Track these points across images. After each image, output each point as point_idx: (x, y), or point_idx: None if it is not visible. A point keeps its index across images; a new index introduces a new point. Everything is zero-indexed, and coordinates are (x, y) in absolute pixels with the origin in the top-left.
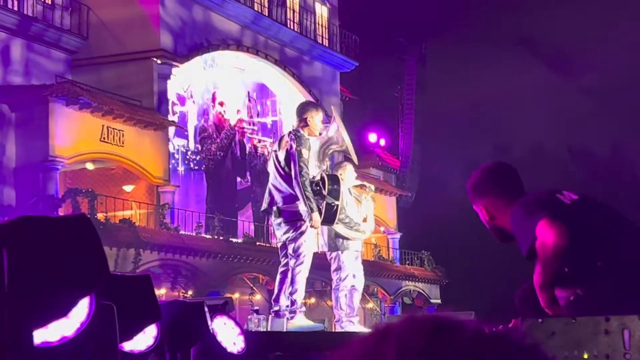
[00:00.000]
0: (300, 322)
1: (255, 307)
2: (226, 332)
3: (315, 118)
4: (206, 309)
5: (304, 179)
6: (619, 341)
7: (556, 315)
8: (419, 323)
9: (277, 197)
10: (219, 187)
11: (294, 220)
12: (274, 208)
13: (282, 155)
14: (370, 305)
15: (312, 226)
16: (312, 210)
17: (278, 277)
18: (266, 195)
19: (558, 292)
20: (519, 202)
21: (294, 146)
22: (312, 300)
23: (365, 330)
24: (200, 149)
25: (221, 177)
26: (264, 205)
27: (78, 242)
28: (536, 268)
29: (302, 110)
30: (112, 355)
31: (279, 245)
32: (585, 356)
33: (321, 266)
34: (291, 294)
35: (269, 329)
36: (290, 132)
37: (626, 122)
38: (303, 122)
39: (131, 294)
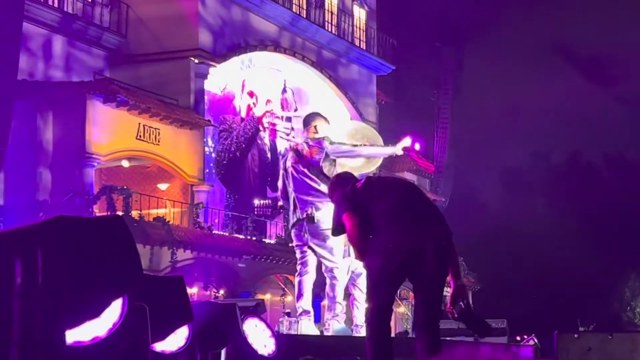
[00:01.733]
0: (335, 326)
1: (287, 310)
2: (257, 334)
3: (324, 127)
4: (238, 311)
5: None
6: None
7: (593, 332)
8: None
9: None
10: (239, 194)
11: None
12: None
13: (306, 163)
14: (401, 309)
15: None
16: None
17: (329, 282)
18: (294, 205)
19: (370, 245)
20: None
21: (326, 149)
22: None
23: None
24: (214, 148)
25: (241, 184)
26: (298, 216)
27: (112, 243)
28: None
29: (311, 119)
30: (144, 356)
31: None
32: None
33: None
34: (341, 300)
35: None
36: (313, 140)
37: None
38: (314, 129)
39: (164, 295)
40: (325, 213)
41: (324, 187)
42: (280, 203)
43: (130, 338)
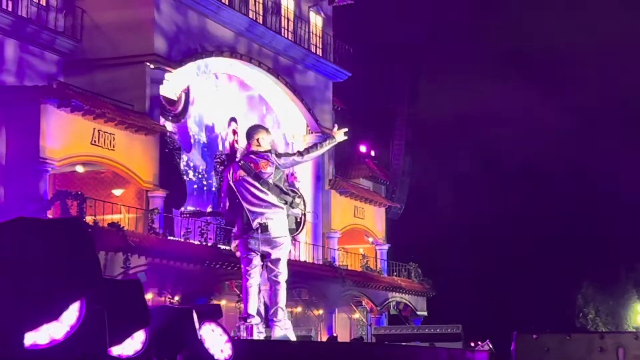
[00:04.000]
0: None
1: (243, 315)
2: (214, 339)
3: (266, 138)
4: (195, 316)
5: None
6: (614, 359)
7: (551, 332)
8: None
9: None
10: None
11: (284, 235)
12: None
13: (255, 177)
14: (356, 315)
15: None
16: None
17: (273, 288)
18: (243, 216)
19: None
20: None
21: (276, 163)
22: (299, 309)
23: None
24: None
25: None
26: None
27: (72, 244)
28: None
29: (253, 132)
30: (101, 359)
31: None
32: None
33: (310, 275)
34: (284, 305)
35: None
36: (258, 154)
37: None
38: (256, 142)
39: (121, 299)
40: (276, 222)
41: (272, 198)
42: (209, 209)
43: (88, 341)
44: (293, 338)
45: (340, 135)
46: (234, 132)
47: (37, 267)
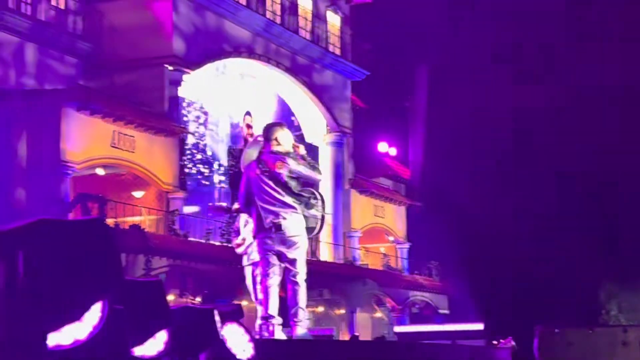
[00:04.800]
0: (299, 331)
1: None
2: (236, 339)
3: (286, 138)
4: (217, 316)
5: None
6: (637, 352)
7: (573, 327)
8: None
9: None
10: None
11: (299, 235)
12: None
13: (271, 176)
14: (378, 314)
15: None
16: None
17: (292, 289)
18: (257, 215)
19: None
20: None
21: (291, 165)
22: (321, 309)
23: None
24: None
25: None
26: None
27: (94, 245)
28: None
29: (273, 130)
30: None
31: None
32: None
33: (331, 275)
34: (304, 305)
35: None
36: (276, 154)
37: None
38: (276, 142)
39: (143, 299)
40: (290, 222)
41: (287, 199)
42: (236, 206)
43: (110, 342)
44: (311, 338)
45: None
46: (248, 126)
47: (59, 268)
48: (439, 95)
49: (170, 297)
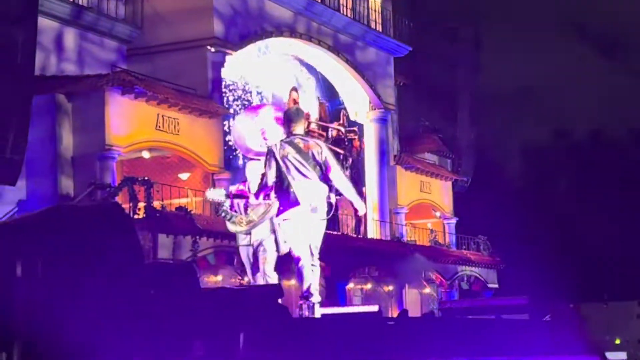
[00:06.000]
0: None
1: (304, 294)
2: (274, 318)
3: (303, 127)
4: (254, 295)
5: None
6: None
7: (587, 301)
8: None
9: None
10: None
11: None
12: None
13: (322, 157)
14: (427, 290)
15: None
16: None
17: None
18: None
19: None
20: None
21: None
22: (369, 286)
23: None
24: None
25: None
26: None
27: (111, 229)
28: None
29: (300, 116)
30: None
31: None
32: (617, 342)
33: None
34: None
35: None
36: (316, 138)
37: None
38: (307, 127)
39: (175, 281)
40: (321, 205)
41: (317, 178)
42: (233, 189)
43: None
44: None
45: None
46: (295, 102)
47: (76, 254)
48: (484, 68)
49: (218, 278)
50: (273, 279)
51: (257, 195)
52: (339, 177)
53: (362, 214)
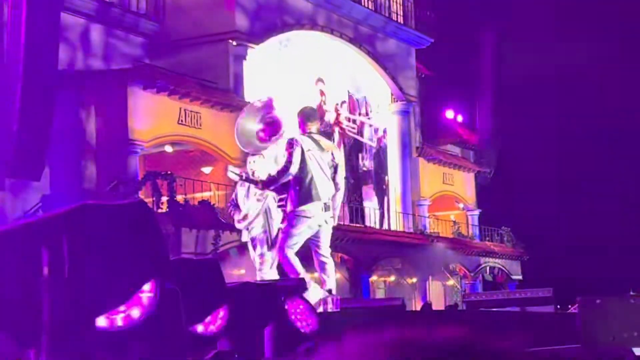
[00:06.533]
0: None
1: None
2: (299, 313)
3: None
4: (279, 290)
5: None
6: None
7: (614, 296)
8: None
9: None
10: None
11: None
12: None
13: (336, 161)
14: (450, 282)
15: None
16: None
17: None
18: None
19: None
20: None
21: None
22: (392, 278)
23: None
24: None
25: None
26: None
27: (137, 228)
28: None
29: (315, 115)
30: (180, 338)
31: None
32: None
33: (402, 244)
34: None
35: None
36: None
37: None
38: (313, 126)
39: (199, 278)
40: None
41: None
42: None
43: (164, 321)
44: None
45: None
46: (322, 93)
47: (103, 252)
48: (505, 59)
49: (242, 271)
50: (269, 275)
51: (268, 185)
52: (340, 184)
53: (330, 226)
